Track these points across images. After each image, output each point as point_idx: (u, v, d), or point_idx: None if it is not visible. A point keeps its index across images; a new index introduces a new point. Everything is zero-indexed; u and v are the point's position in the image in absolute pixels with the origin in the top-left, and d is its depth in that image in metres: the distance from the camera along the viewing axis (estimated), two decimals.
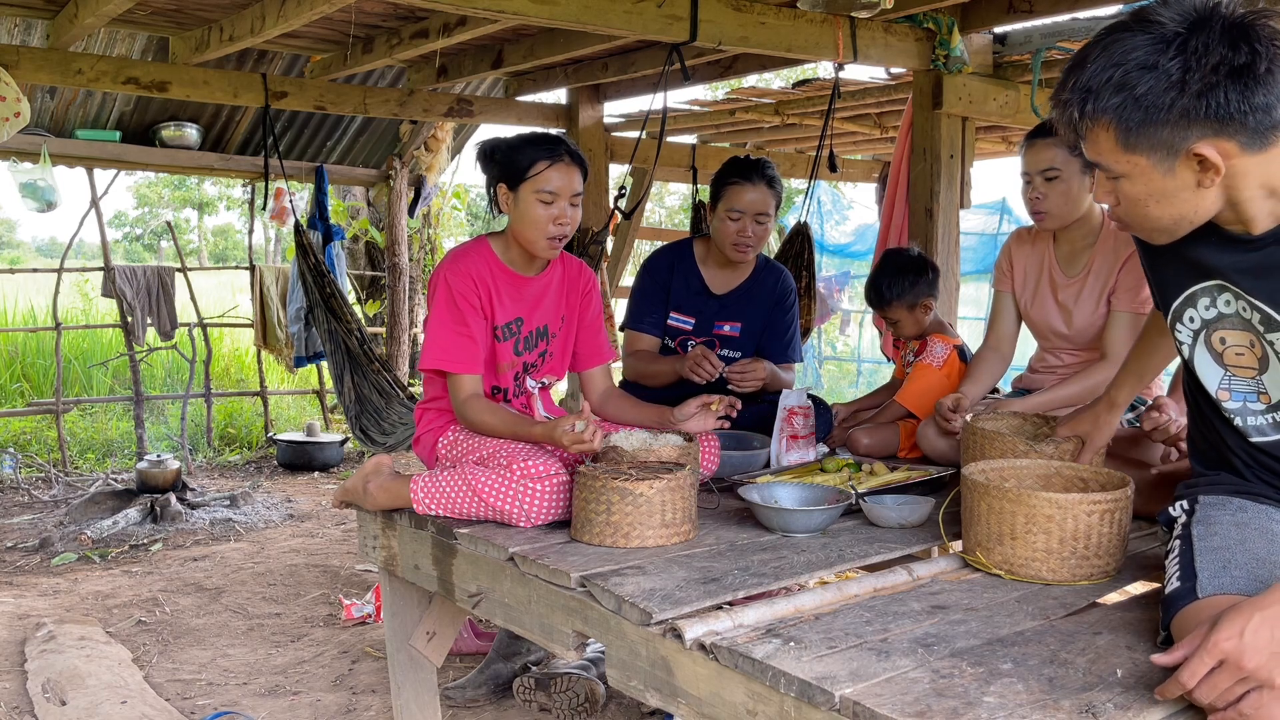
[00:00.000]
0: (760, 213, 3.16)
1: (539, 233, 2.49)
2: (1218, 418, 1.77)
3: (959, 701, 1.40)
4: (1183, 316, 1.76)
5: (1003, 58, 4.70)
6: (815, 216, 9.71)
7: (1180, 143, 1.49)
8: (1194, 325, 1.75)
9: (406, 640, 2.66)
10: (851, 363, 11.65)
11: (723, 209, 3.19)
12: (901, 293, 3.19)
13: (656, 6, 3.79)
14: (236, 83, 5.30)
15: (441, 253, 8.64)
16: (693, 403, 2.59)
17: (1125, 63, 1.49)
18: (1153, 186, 1.55)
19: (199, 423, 7.43)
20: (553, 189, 2.47)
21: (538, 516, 2.25)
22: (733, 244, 3.19)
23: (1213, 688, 1.30)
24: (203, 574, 4.56)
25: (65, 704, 3.09)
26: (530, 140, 2.53)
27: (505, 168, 2.51)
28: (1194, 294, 1.73)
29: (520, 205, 2.50)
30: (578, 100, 6.33)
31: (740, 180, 3.15)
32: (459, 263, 2.54)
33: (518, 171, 2.49)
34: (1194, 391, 1.83)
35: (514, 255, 2.60)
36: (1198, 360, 1.76)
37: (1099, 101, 1.52)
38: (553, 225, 2.49)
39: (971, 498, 1.95)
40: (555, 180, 2.48)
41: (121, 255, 24.78)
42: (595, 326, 2.79)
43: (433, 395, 2.65)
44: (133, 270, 6.93)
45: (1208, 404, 1.79)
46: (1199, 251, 1.67)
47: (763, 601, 1.75)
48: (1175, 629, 1.51)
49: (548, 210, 2.48)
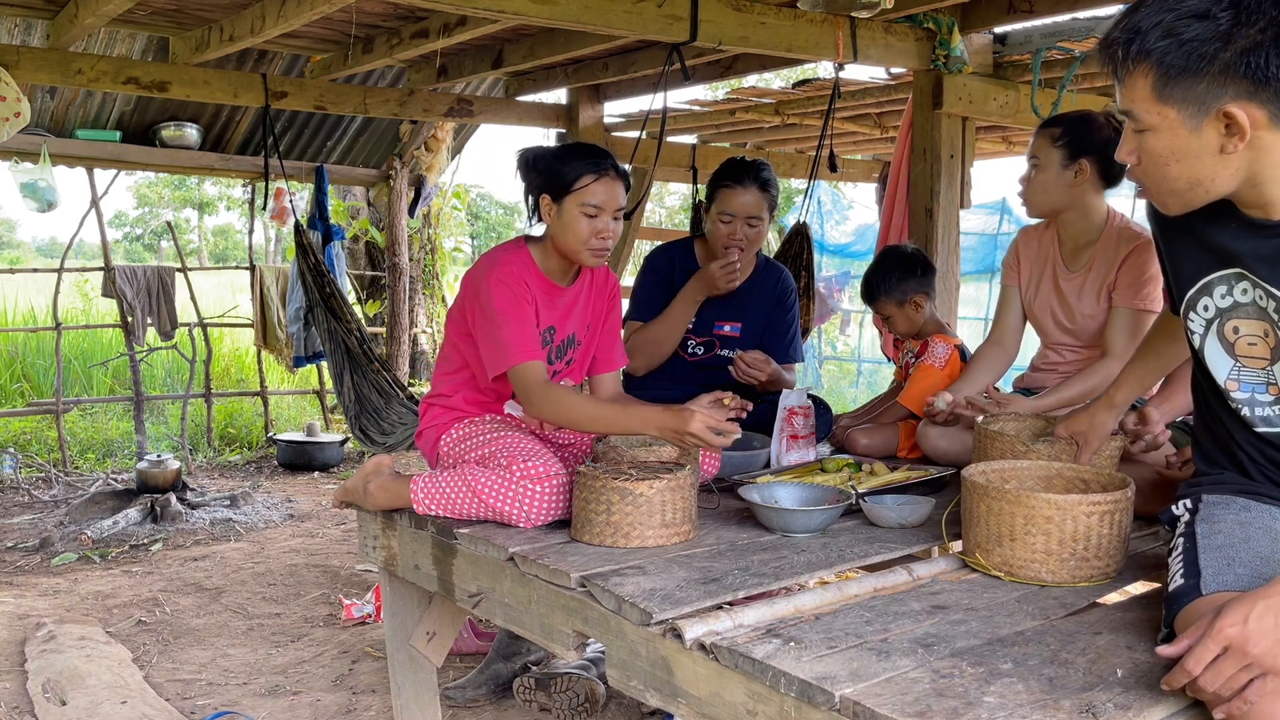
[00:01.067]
0: (752, 216, 3.15)
1: (582, 244, 2.49)
2: (1224, 410, 1.77)
3: (959, 701, 1.40)
4: (1197, 305, 1.76)
5: (1003, 58, 4.70)
6: (815, 216, 9.71)
7: (1213, 100, 1.50)
8: (1208, 314, 1.75)
9: (406, 640, 2.66)
10: (851, 363, 11.64)
11: (715, 211, 3.19)
12: (890, 289, 3.21)
13: (656, 6, 3.79)
14: (236, 83, 5.30)
15: (442, 252, 8.64)
16: (705, 398, 2.59)
17: (1179, 8, 1.50)
18: (1177, 143, 1.55)
19: (199, 423, 7.43)
20: (598, 202, 2.47)
21: (538, 517, 2.25)
22: (725, 246, 3.19)
23: (1217, 675, 1.31)
24: (203, 574, 4.56)
25: (65, 704, 3.09)
26: (576, 153, 2.53)
27: (550, 178, 2.51)
28: (1210, 282, 1.73)
29: (564, 217, 2.49)
30: (578, 100, 6.33)
31: (732, 183, 3.15)
32: (509, 265, 2.50)
33: (564, 184, 2.49)
34: (1202, 384, 1.83)
35: (551, 265, 2.58)
36: (1208, 350, 1.76)
37: (1145, 43, 1.53)
38: (595, 238, 2.49)
39: (971, 499, 1.95)
40: (601, 194, 2.48)
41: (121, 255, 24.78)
42: (614, 332, 2.80)
43: (441, 392, 2.64)
44: (133, 270, 6.93)
45: (1215, 397, 1.79)
46: (1218, 237, 1.68)
47: (763, 601, 1.75)
48: (1178, 626, 1.51)
49: (591, 223, 2.48)
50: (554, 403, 2.40)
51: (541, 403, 2.41)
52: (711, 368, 3.33)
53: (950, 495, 2.37)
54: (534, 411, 2.47)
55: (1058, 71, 4.74)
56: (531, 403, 2.43)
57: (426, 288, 8.52)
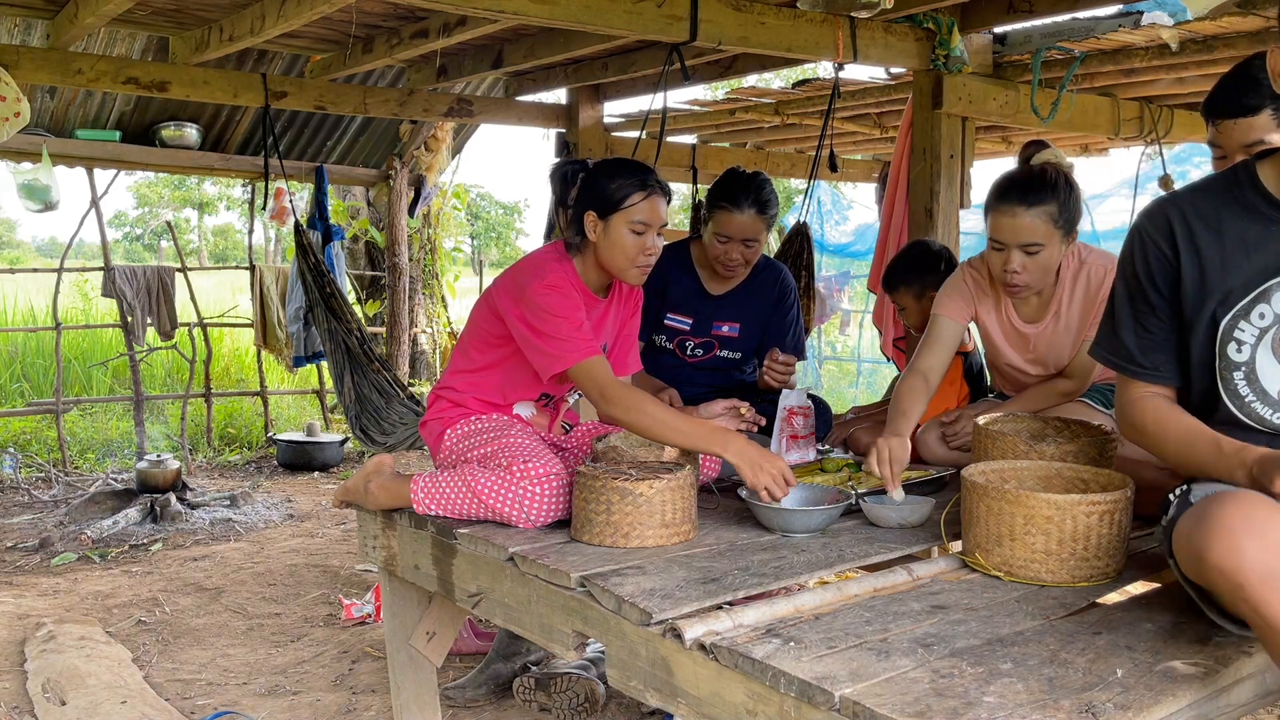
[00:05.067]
0: (748, 238, 3.13)
1: (629, 262, 2.50)
2: (1244, 429, 1.74)
3: (959, 701, 1.40)
4: (1250, 315, 1.72)
5: (1003, 58, 4.70)
6: (815, 216, 9.70)
7: None
8: (1264, 322, 1.71)
9: (406, 640, 2.66)
10: (851, 363, 11.64)
11: (712, 230, 3.16)
12: (910, 280, 3.29)
13: (656, 6, 3.79)
14: (236, 83, 5.30)
15: (442, 253, 8.63)
16: (721, 403, 2.59)
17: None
18: None
19: (199, 423, 7.43)
20: (646, 219, 2.48)
21: (538, 518, 2.25)
22: (720, 264, 3.18)
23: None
24: (203, 574, 4.56)
25: (65, 704, 3.09)
26: (622, 170, 2.52)
27: (597, 196, 2.50)
28: (1270, 288, 1.70)
29: (611, 235, 2.49)
30: (578, 100, 6.33)
31: (729, 205, 3.10)
32: (560, 275, 2.49)
33: (611, 202, 2.48)
34: (1229, 407, 1.77)
35: (591, 278, 2.59)
36: (1259, 362, 1.72)
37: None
38: (643, 256, 2.50)
39: (971, 499, 1.95)
40: (648, 212, 2.48)
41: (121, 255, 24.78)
42: (633, 339, 2.81)
43: (451, 386, 2.64)
44: (133, 270, 6.93)
45: (1237, 411, 1.75)
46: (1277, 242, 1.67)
47: (763, 601, 1.75)
48: (1176, 542, 1.56)
49: (638, 240, 2.48)
50: (635, 403, 2.32)
51: (620, 400, 2.33)
52: (712, 369, 3.33)
53: (950, 495, 2.37)
54: (609, 409, 2.36)
55: (1058, 71, 4.74)
56: (608, 399, 2.35)
57: (426, 288, 8.52)
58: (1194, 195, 1.81)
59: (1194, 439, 1.74)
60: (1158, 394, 1.85)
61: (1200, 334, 1.77)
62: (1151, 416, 1.83)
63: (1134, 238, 1.85)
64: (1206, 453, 1.70)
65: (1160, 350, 1.83)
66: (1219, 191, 1.78)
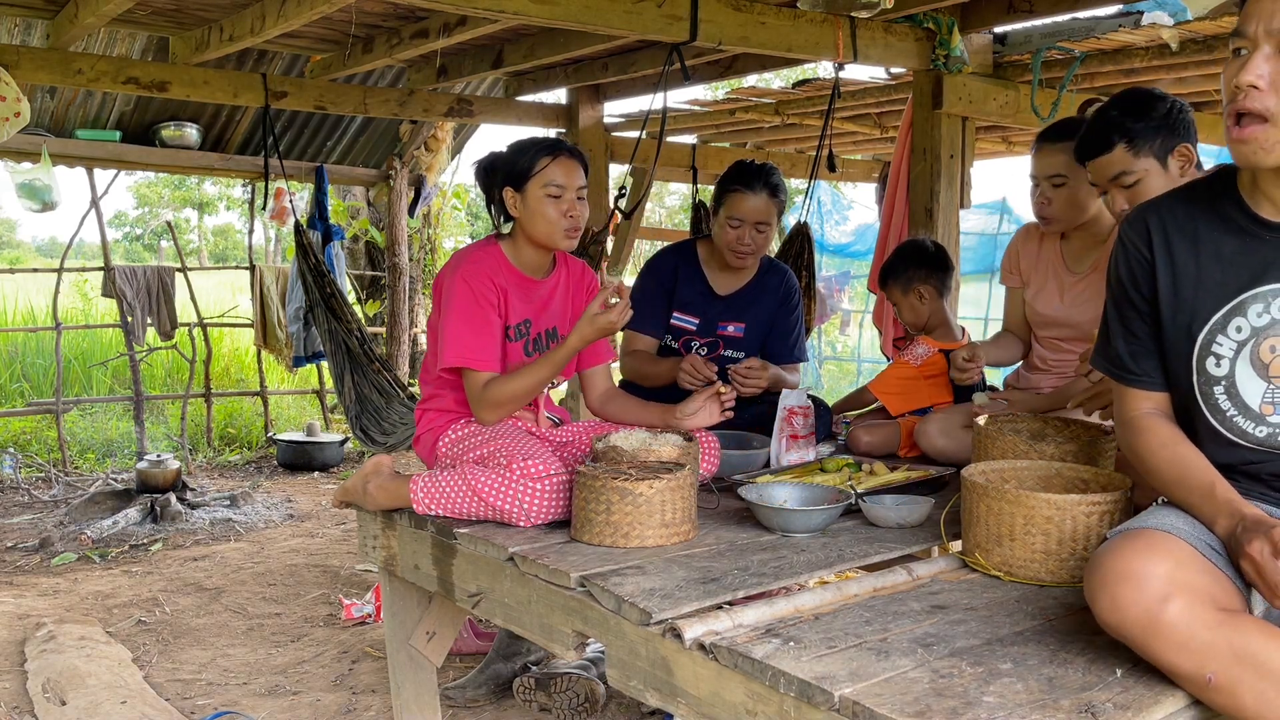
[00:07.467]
0: (761, 221, 3.18)
1: (553, 226, 2.55)
2: (1225, 444, 1.71)
3: (959, 701, 1.40)
4: (1227, 328, 1.68)
5: (1003, 58, 4.70)
6: (815, 216, 9.70)
7: None
8: (1241, 335, 1.67)
9: (406, 640, 2.66)
10: (851, 363, 11.64)
11: (724, 214, 3.21)
12: (897, 275, 3.31)
13: (656, 6, 3.79)
14: (236, 83, 5.30)
15: (442, 252, 8.64)
16: (699, 395, 2.60)
17: None
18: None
19: (199, 423, 7.43)
20: (559, 182, 2.54)
21: (537, 516, 2.26)
22: (732, 250, 3.20)
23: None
24: (203, 574, 4.56)
25: (65, 704, 3.09)
26: (528, 142, 2.60)
27: (508, 171, 2.57)
28: (1245, 301, 1.67)
29: (529, 204, 2.55)
30: (578, 100, 6.33)
31: (742, 188, 3.17)
32: (476, 263, 2.56)
33: (522, 172, 2.55)
34: (1211, 422, 1.72)
35: (524, 258, 2.63)
36: (1239, 376, 1.67)
37: None
38: (564, 219, 2.55)
39: (971, 499, 1.95)
40: (560, 173, 2.54)
41: (121, 255, 24.77)
42: None
43: (431, 395, 2.66)
44: (133, 270, 6.93)
45: (1218, 426, 1.71)
46: (1260, 251, 1.65)
47: (762, 601, 1.75)
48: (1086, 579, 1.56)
49: (557, 204, 2.54)
50: (493, 394, 2.47)
51: (482, 402, 2.49)
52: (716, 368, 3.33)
53: (950, 495, 2.37)
54: (482, 415, 2.52)
55: (1058, 71, 4.74)
56: (478, 407, 2.51)
57: (426, 288, 8.52)
58: (1174, 203, 1.78)
59: (1186, 474, 1.68)
60: (1154, 412, 1.80)
61: (1178, 348, 1.74)
62: (1144, 441, 1.77)
63: (1118, 243, 1.84)
64: (1196, 493, 1.65)
65: (1151, 357, 1.80)
66: (1198, 200, 1.75)
